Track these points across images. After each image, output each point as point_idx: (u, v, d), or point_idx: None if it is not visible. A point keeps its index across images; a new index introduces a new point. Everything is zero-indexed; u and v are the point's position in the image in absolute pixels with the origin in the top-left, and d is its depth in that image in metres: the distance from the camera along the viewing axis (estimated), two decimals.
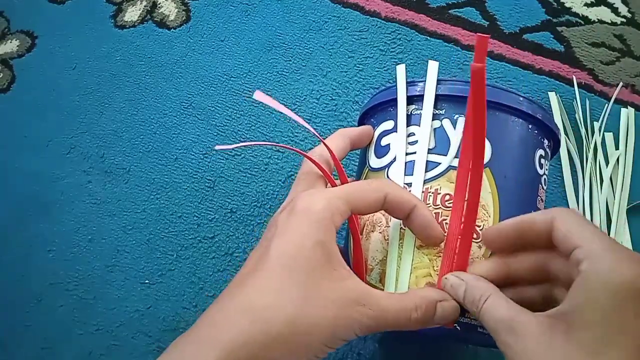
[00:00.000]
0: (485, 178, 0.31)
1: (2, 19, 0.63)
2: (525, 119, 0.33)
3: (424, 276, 0.31)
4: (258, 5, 0.58)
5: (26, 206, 0.51)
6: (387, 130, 0.35)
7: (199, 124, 0.52)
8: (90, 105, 0.55)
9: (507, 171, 0.32)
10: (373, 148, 0.36)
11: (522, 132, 0.33)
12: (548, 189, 0.46)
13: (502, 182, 0.32)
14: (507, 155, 0.32)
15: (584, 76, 0.50)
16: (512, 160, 0.32)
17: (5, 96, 0.58)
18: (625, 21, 0.53)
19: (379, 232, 0.33)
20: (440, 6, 0.55)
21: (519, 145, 0.33)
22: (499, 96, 0.33)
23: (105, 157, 0.52)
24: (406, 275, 0.31)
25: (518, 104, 0.33)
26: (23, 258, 0.49)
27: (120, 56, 0.57)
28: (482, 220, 0.31)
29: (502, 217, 0.31)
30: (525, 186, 0.33)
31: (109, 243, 0.48)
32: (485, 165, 0.31)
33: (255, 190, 0.48)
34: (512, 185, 0.32)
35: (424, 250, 0.31)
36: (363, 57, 0.53)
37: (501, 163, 0.32)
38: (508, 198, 0.32)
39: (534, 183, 0.33)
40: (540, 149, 0.34)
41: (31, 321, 0.46)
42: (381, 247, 0.33)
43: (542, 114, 0.34)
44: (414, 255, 0.31)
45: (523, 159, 0.33)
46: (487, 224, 0.31)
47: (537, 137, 0.34)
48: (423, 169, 0.33)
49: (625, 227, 0.43)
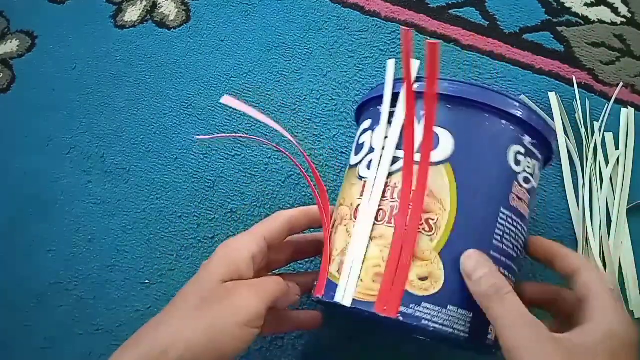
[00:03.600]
0: (445, 172, 0.32)
1: (2, 19, 0.63)
2: (498, 115, 0.33)
3: (373, 266, 0.32)
4: (258, 5, 0.58)
5: (26, 206, 0.51)
6: (365, 129, 0.36)
7: (199, 124, 0.52)
8: (90, 105, 0.55)
9: (470, 167, 0.32)
10: (354, 145, 0.37)
11: (492, 128, 0.33)
12: (548, 189, 0.46)
13: (462, 177, 0.32)
14: (472, 150, 0.32)
15: (584, 76, 0.50)
16: (477, 156, 0.32)
17: (5, 96, 0.58)
18: (625, 21, 0.53)
19: (344, 225, 0.34)
20: (440, 6, 0.55)
21: (488, 141, 0.33)
22: (464, 91, 0.33)
23: (105, 157, 0.52)
24: (357, 266, 0.32)
25: (489, 100, 0.33)
26: (23, 258, 0.49)
27: (120, 56, 0.57)
28: (437, 214, 0.31)
29: (460, 213, 0.31)
30: (493, 183, 0.32)
31: (109, 243, 0.48)
32: (447, 160, 0.32)
33: (255, 190, 0.48)
34: (475, 181, 0.32)
35: (377, 241, 0.32)
36: (363, 57, 0.53)
37: (464, 158, 0.32)
38: (469, 194, 0.32)
39: (506, 180, 0.33)
40: (516, 145, 0.33)
41: (31, 321, 0.46)
42: (343, 238, 0.34)
43: (524, 110, 0.34)
44: (368, 246, 0.32)
45: (492, 155, 0.33)
46: (441, 218, 0.31)
47: (513, 133, 0.33)
48: (387, 164, 0.33)
49: (625, 227, 0.43)
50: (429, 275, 0.31)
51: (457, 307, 0.31)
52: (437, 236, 0.31)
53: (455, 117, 0.33)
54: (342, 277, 0.32)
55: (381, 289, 0.31)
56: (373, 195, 0.33)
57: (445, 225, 0.31)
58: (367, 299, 0.31)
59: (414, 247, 0.31)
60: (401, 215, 0.32)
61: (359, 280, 0.32)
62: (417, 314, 0.30)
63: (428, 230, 0.31)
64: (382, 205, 0.33)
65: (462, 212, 0.31)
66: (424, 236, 0.31)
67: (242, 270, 0.33)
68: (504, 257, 0.32)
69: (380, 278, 0.31)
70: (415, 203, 0.31)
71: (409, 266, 0.31)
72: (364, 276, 0.32)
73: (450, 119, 0.33)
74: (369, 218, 0.33)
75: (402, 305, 0.30)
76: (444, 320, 0.30)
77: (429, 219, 0.31)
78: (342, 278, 0.32)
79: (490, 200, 0.32)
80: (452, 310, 0.31)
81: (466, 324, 0.31)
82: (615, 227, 0.43)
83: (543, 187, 0.46)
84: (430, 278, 0.31)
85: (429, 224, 0.31)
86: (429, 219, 0.31)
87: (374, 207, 0.33)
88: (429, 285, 0.31)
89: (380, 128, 0.35)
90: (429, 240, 0.31)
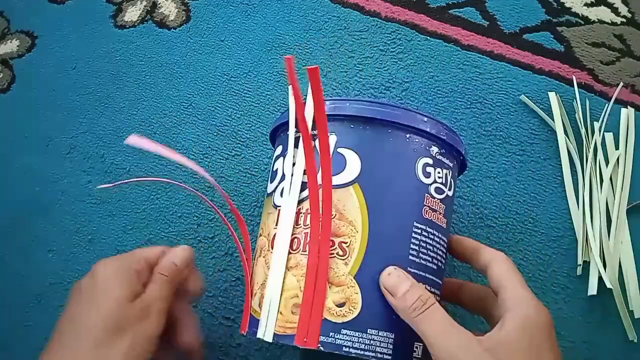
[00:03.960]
0: (354, 193, 0.32)
1: (2, 19, 0.63)
2: (402, 129, 0.33)
3: (291, 297, 0.31)
4: (258, 5, 0.58)
5: (26, 206, 0.51)
6: (277, 155, 0.36)
7: (199, 124, 0.52)
8: (90, 105, 0.55)
9: (378, 185, 0.32)
10: (270, 173, 0.37)
11: (397, 144, 0.33)
12: (548, 189, 0.46)
13: (372, 196, 0.32)
14: (379, 168, 0.32)
15: (584, 76, 0.50)
16: (385, 173, 0.32)
17: (5, 96, 0.58)
18: (625, 21, 0.53)
19: (263, 257, 0.34)
20: (440, 6, 0.55)
21: (394, 157, 0.32)
22: (367, 111, 0.33)
23: (105, 157, 0.52)
24: (276, 299, 0.31)
25: (391, 116, 0.33)
26: (23, 258, 0.49)
27: (120, 56, 0.57)
28: (349, 236, 0.31)
29: (372, 233, 0.31)
30: (403, 198, 0.32)
31: (109, 243, 0.48)
32: (355, 180, 0.32)
33: (255, 190, 0.48)
34: (385, 198, 0.32)
35: (294, 270, 0.32)
36: (363, 57, 0.53)
37: (372, 177, 0.32)
38: (380, 212, 0.31)
39: (416, 194, 0.32)
40: (424, 158, 0.33)
41: (31, 321, 0.46)
42: (262, 271, 0.33)
43: (427, 122, 0.33)
44: (285, 277, 0.32)
45: (399, 171, 0.32)
46: (354, 240, 0.31)
47: (419, 146, 0.33)
48: (296, 190, 0.33)
49: (625, 227, 0.43)
50: (346, 301, 0.30)
51: (378, 330, 0.30)
52: (352, 259, 0.31)
53: (359, 137, 0.33)
54: (263, 312, 0.32)
55: (300, 320, 0.30)
56: (286, 223, 0.32)
57: (359, 247, 0.31)
58: (288, 332, 0.31)
59: (328, 273, 0.31)
60: (313, 242, 0.31)
61: (279, 314, 0.31)
62: (337, 342, 0.30)
63: (342, 254, 0.31)
64: (296, 233, 0.32)
65: (375, 232, 0.31)
66: (338, 261, 0.31)
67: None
68: (423, 271, 0.32)
69: (299, 309, 0.31)
70: (325, 228, 0.31)
71: (325, 293, 0.30)
72: (283, 309, 0.31)
73: (355, 139, 0.33)
74: (284, 248, 0.32)
75: (321, 335, 0.30)
76: (365, 345, 0.30)
77: (342, 242, 0.31)
78: (263, 313, 0.32)
79: (402, 216, 0.32)
80: (373, 334, 0.30)
81: (388, 345, 0.30)
82: (615, 227, 0.43)
83: (543, 187, 0.46)
84: (348, 303, 0.30)
85: (342, 248, 0.31)
86: (342, 242, 0.31)
87: (287, 236, 0.32)
88: (347, 311, 0.30)
89: (289, 154, 0.34)
90: (344, 264, 0.31)
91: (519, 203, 0.45)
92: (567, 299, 0.42)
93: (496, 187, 0.46)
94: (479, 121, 0.49)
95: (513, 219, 0.45)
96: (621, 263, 0.42)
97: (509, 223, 0.45)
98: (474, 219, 0.45)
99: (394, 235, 0.31)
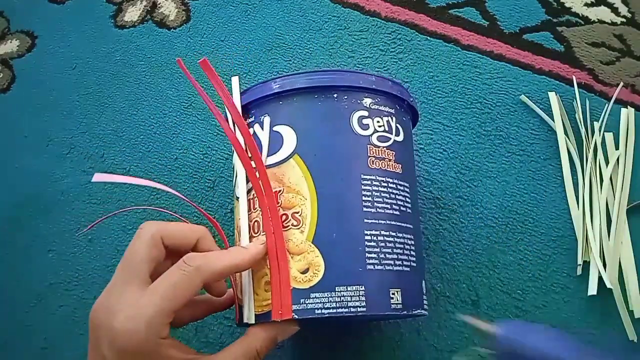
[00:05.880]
0: (296, 164, 0.33)
1: (2, 19, 0.63)
2: (327, 90, 0.34)
3: (262, 277, 0.33)
4: (258, 5, 0.58)
5: (26, 206, 0.51)
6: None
7: (199, 124, 0.52)
8: (90, 105, 0.55)
9: (316, 150, 0.33)
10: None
11: (326, 106, 0.34)
12: (548, 189, 0.46)
13: (313, 162, 0.33)
14: (314, 134, 0.33)
15: (584, 76, 0.50)
16: (320, 137, 0.33)
17: (5, 96, 0.58)
18: (625, 21, 0.53)
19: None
20: (440, 6, 0.55)
21: (326, 120, 0.34)
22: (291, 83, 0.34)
23: (105, 157, 0.52)
24: (249, 281, 0.33)
25: (311, 82, 0.34)
26: (23, 258, 0.49)
27: (120, 56, 0.57)
28: (299, 206, 0.32)
29: (320, 195, 0.32)
30: (343, 156, 0.33)
31: (109, 243, 0.48)
32: (294, 152, 0.33)
33: None
34: (326, 160, 0.33)
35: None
36: (363, 57, 0.53)
37: (309, 144, 0.33)
38: (323, 175, 0.33)
39: (357, 146, 0.33)
40: (358, 111, 0.34)
41: (31, 321, 0.46)
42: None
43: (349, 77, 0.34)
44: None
45: (334, 131, 0.33)
46: (305, 208, 0.32)
47: (350, 102, 0.34)
48: (243, 178, 0.35)
49: (625, 227, 0.43)
50: (309, 266, 0.31)
51: (346, 286, 0.31)
52: (306, 226, 0.32)
53: (290, 111, 0.34)
54: (244, 297, 0.33)
55: (272, 295, 0.32)
56: (244, 210, 0.35)
57: (310, 213, 0.32)
58: (265, 310, 0.32)
59: (286, 244, 0.32)
60: (265, 221, 0.33)
61: (255, 295, 0.33)
62: (309, 307, 0.31)
63: (296, 224, 0.32)
64: (253, 218, 0.34)
65: (323, 194, 0.32)
66: (294, 231, 0.32)
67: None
68: (383, 219, 0.33)
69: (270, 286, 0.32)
70: (271, 204, 0.33)
71: (288, 264, 0.32)
72: (257, 289, 0.33)
73: (286, 114, 0.34)
74: (245, 233, 0.34)
75: (293, 304, 0.31)
76: (336, 304, 0.31)
77: (294, 213, 0.32)
78: (244, 298, 0.33)
79: (347, 172, 0.33)
80: (342, 290, 0.31)
81: (360, 299, 0.31)
82: (615, 227, 0.43)
83: (543, 187, 0.46)
84: (312, 268, 0.31)
85: (296, 218, 0.32)
86: (294, 213, 0.32)
87: (246, 222, 0.34)
88: (312, 275, 0.31)
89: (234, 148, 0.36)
90: (300, 233, 0.32)
91: (519, 203, 0.45)
92: (567, 299, 0.42)
93: (496, 187, 0.46)
94: (479, 121, 0.49)
95: (513, 219, 0.45)
96: (621, 263, 0.42)
97: (509, 223, 0.45)
98: (474, 219, 0.45)
99: (342, 192, 0.32)
